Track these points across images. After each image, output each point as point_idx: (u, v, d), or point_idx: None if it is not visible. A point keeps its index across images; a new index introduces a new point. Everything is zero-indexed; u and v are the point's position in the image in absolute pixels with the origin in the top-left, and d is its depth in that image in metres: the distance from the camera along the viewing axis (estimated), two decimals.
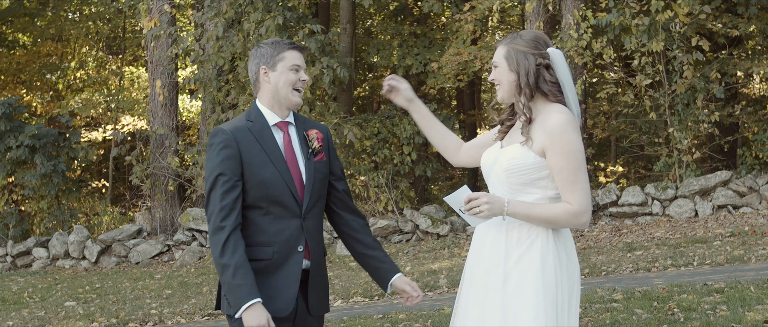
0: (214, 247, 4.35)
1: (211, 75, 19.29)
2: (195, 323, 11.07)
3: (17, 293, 15.30)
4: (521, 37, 4.37)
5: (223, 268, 4.31)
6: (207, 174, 4.47)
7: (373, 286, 12.51)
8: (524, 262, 4.25)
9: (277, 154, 4.52)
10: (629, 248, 14.07)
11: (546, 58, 4.33)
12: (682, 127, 16.98)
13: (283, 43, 4.60)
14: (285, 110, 4.61)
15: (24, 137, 19.55)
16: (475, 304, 4.39)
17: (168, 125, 20.60)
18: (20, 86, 29.12)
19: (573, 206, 4.19)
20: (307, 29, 18.21)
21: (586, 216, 4.21)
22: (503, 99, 4.42)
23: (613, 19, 16.77)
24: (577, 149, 4.20)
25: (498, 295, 4.27)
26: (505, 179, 4.32)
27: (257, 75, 4.60)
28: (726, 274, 10.50)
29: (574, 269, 4.34)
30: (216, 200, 4.39)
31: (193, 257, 17.78)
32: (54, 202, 20.47)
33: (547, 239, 4.27)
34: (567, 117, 4.22)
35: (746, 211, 15.96)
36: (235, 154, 4.44)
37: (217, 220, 4.36)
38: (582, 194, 4.20)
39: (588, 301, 9.25)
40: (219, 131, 4.49)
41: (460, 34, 19.89)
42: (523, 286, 4.23)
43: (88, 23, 28.43)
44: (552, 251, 4.26)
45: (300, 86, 4.60)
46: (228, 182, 4.41)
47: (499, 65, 4.39)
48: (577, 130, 4.23)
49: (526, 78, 4.30)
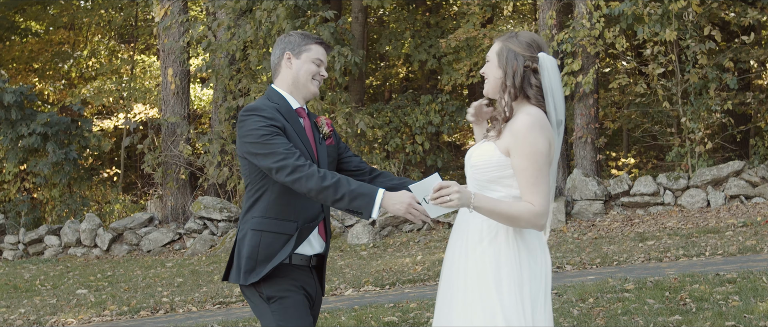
0: (305, 181, 4.34)
1: (222, 63, 19.29)
2: (206, 311, 11.08)
3: (29, 281, 15.35)
4: (517, 37, 4.44)
5: (327, 190, 4.33)
6: (254, 132, 4.46)
7: (384, 275, 12.51)
8: (480, 261, 4.32)
9: (303, 135, 4.62)
10: (641, 238, 14.04)
11: (535, 62, 4.39)
12: (695, 116, 16.91)
13: (311, 37, 4.72)
14: (302, 99, 4.72)
15: (36, 125, 19.59)
16: (442, 304, 4.49)
17: (180, 114, 20.62)
18: (33, 74, 29.18)
19: (535, 207, 4.22)
20: (319, 16, 18.19)
21: (545, 218, 4.26)
22: (488, 93, 4.51)
23: (626, 8, 16.71)
24: (540, 151, 4.24)
25: (459, 293, 4.36)
26: (472, 175, 4.42)
27: (280, 60, 4.71)
28: (738, 265, 10.46)
29: (539, 268, 4.38)
30: (280, 145, 4.41)
31: (205, 245, 17.80)
32: (66, 190, 20.53)
33: (506, 237, 4.32)
34: (535, 119, 4.27)
35: (759, 201, 15.90)
36: (280, 125, 4.51)
37: (292, 159, 4.37)
38: (543, 196, 4.24)
39: (599, 291, 9.22)
40: (257, 106, 4.54)
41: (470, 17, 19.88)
42: (478, 284, 4.31)
43: (100, 11, 28.45)
44: (510, 249, 4.30)
45: (319, 79, 4.72)
46: (282, 136, 4.47)
47: (490, 60, 4.47)
48: (544, 133, 4.26)
49: (512, 78, 4.37)
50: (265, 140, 4.42)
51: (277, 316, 4.52)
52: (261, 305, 4.56)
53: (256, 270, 4.52)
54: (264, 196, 4.57)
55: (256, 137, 4.44)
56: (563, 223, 16.26)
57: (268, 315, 4.53)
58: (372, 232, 16.97)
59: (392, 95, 27.65)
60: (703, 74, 16.88)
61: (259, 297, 4.56)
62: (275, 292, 4.52)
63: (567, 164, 18.23)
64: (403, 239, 16.56)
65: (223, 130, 19.73)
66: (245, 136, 4.49)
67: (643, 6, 16.65)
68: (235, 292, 12.04)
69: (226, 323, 9.67)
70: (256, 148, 4.44)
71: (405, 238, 16.64)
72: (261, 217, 4.56)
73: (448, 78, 20.85)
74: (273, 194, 4.54)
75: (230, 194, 20.10)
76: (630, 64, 18.44)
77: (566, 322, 8.03)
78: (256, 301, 4.58)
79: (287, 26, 17.81)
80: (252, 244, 4.54)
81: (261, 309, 4.57)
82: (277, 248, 4.53)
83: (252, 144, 4.46)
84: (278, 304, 4.53)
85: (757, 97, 18.25)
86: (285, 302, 4.53)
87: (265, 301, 4.54)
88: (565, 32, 17.39)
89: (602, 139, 18.45)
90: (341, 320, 9.11)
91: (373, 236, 16.91)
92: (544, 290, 4.40)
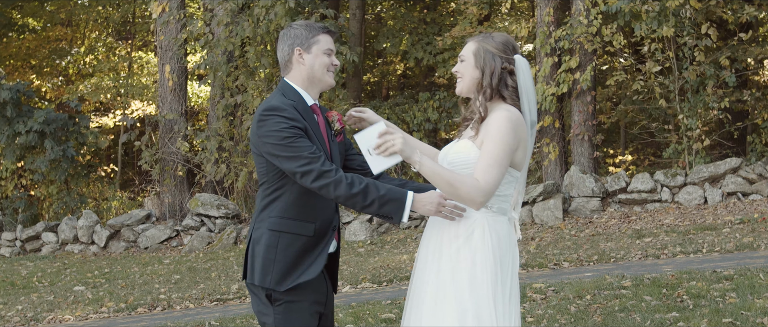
0: (333, 188, 4.35)
1: (220, 60, 19.28)
2: (203, 308, 11.09)
3: (26, 278, 15.35)
4: (493, 38, 4.49)
5: (356, 197, 4.34)
6: (276, 134, 4.42)
7: (382, 272, 12.52)
8: (455, 260, 4.35)
9: (319, 133, 4.60)
10: (638, 235, 14.05)
11: (512, 64, 4.44)
12: (692, 113, 16.92)
13: (316, 27, 4.67)
14: (317, 91, 4.71)
15: (33, 122, 19.57)
16: (412, 303, 4.52)
17: (177, 110, 20.61)
18: (30, 71, 29.15)
19: (479, 182, 4.24)
20: (318, 14, 18.18)
21: (485, 198, 4.27)
22: (461, 91, 4.55)
23: (624, 5, 16.71)
24: (507, 143, 4.28)
25: (430, 292, 4.39)
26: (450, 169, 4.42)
27: (290, 56, 4.65)
28: (735, 262, 10.47)
29: (510, 268, 4.42)
30: (305, 148, 4.39)
31: (202, 242, 17.80)
32: (63, 187, 20.52)
33: (481, 236, 4.35)
34: (510, 115, 4.32)
35: (756, 198, 15.91)
36: (302, 125, 4.48)
37: (318, 164, 4.36)
38: (492, 179, 4.26)
39: (597, 288, 9.23)
40: (277, 105, 4.49)
41: (467, 15, 19.89)
42: (451, 283, 4.33)
43: (97, 8, 28.41)
44: (485, 249, 4.33)
45: (333, 69, 4.70)
46: (305, 138, 4.44)
47: (465, 59, 4.50)
48: (517, 131, 4.32)
49: (489, 78, 4.42)
50: (288, 142, 4.39)
51: (279, 319, 4.51)
52: (266, 304, 4.54)
53: (288, 277, 4.48)
54: (282, 196, 4.53)
55: (278, 139, 4.40)
56: (560, 220, 16.27)
57: (271, 316, 4.52)
58: (369, 228, 16.98)
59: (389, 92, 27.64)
60: (700, 71, 16.89)
61: (266, 296, 4.53)
62: (283, 295, 4.50)
63: (564, 161, 18.23)
64: (400, 236, 16.57)
65: (220, 127, 19.72)
66: (266, 136, 4.44)
67: (641, 3, 16.66)
68: (233, 289, 12.05)
69: (223, 320, 9.67)
70: (278, 150, 4.41)
71: (402, 235, 16.64)
72: (279, 218, 4.53)
73: (443, 71, 20.82)
74: (292, 195, 4.51)
75: (228, 191, 20.10)
76: (627, 62, 18.44)
77: (564, 319, 8.04)
78: (262, 300, 4.56)
79: (285, 23, 17.80)
80: (269, 244, 4.51)
81: (264, 308, 4.55)
82: (296, 251, 4.50)
83: (274, 145, 4.42)
84: (284, 307, 4.51)
85: (754, 95, 18.26)
86: (291, 307, 4.52)
87: (270, 302, 4.53)
88: (563, 29, 17.39)
89: (600, 136, 18.46)
90: (339, 317, 9.12)
91: (370, 233, 16.92)
92: (514, 290, 4.44)
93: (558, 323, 7.95)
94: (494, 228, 4.37)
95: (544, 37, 17.66)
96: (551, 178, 17.71)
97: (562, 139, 18.22)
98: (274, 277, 4.48)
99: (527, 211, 16.73)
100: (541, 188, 16.61)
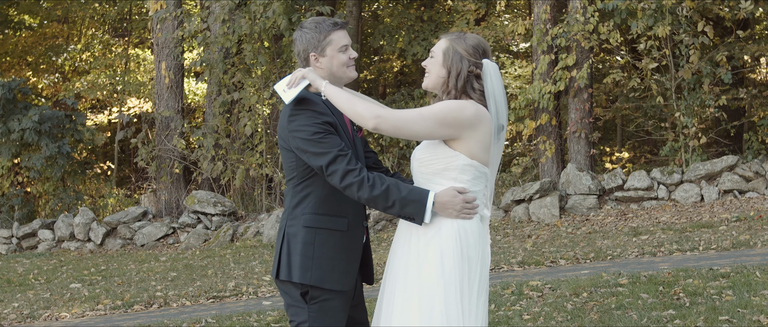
0: (356, 188, 4.38)
1: (217, 57, 19.25)
2: (200, 305, 11.08)
3: (22, 275, 15.34)
4: (465, 39, 4.52)
5: (378, 198, 4.37)
6: (307, 129, 4.45)
7: (378, 269, 12.51)
8: (424, 256, 4.39)
9: (345, 127, 4.63)
10: (635, 233, 14.06)
11: (479, 68, 4.48)
12: (689, 111, 16.92)
13: (325, 25, 4.65)
14: (340, 85, 4.72)
15: (28, 120, 19.52)
16: (383, 301, 4.56)
17: (174, 108, 20.58)
18: (26, 68, 29.11)
19: (383, 113, 4.35)
20: (314, 11, 18.16)
21: (375, 122, 4.34)
22: (427, 87, 4.62)
23: (620, 3, 16.71)
24: (440, 110, 4.36)
25: (399, 288, 4.43)
26: (417, 169, 4.50)
27: (307, 58, 4.66)
28: (732, 259, 10.47)
29: (479, 264, 4.44)
30: (333, 145, 4.42)
31: (198, 240, 17.79)
32: (59, 185, 20.49)
33: (449, 231, 4.38)
34: (463, 103, 4.40)
35: (752, 195, 15.92)
36: (331, 120, 4.51)
37: (343, 163, 4.39)
38: (399, 117, 4.37)
39: (593, 285, 9.24)
40: (310, 99, 4.51)
41: (465, 14, 19.88)
42: (417, 279, 4.37)
43: (94, 5, 28.37)
44: (453, 245, 4.36)
45: (351, 64, 4.70)
46: (335, 134, 4.47)
47: (435, 56, 4.55)
48: (460, 113, 4.37)
49: (455, 79, 4.47)
50: (318, 138, 4.41)
51: (314, 317, 4.53)
52: (299, 301, 4.56)
53: (329, 274, 4.53)
54: (314, 192, 4.56)
55: (308, 134, 4.42)
56: (557, 217, 16.28)
57: (305, 313, 4.54)
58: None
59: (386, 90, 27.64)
60: (696, 69, 16.89)
61: (299, 293, 4.55)
62: (320, 292, 4.53)
63: (561, 159, 18.24)
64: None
65: (217, 125, 19.70)
66: (297, 131, 4.46)
67: (637, 1, 16.66)
68: (229, 286, 12.04)
69: (219, 317, 9.67)
70: (308, 145, 4.43)
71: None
72: (313, 214, 4.55)
73: None
74: (324, 190, 4.54)
75: (224, 188, 20.09)
76: (624, 59, 18.45)
77: (560, 317, 8.04)
78: (295, 297, 4.57)
79: (282, 21, 17.78)
80: (306, 241, 4.53)
81: (298, 305, 4.57)
82: (333, 247, 4.54)
83: (304, 141, 4.44)
84: (319, 305, 4.54)
85: (751, 92, 18.26)
86: (326, 305, 4.55)
87: (305, 300, 4.55)
88: (560, 27, 17.39)
89: (596, 133, 18.46)
90: None
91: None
92: (483, 289, 4.44)
93: (554, 321, 7.95)
94: (463, 224, 4.38)
95: (541, 34, 17.66)
96: (548, 176, 17.71)
97: (559, 137, 18.23)
98: (314, 274, 4.51)
99: (524, 208, 16.73)
100: (538, 186, 16.62)
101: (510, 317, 8.22)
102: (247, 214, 18.98)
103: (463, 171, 4.40)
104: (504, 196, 17.22)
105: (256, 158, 19.16)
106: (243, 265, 14.36)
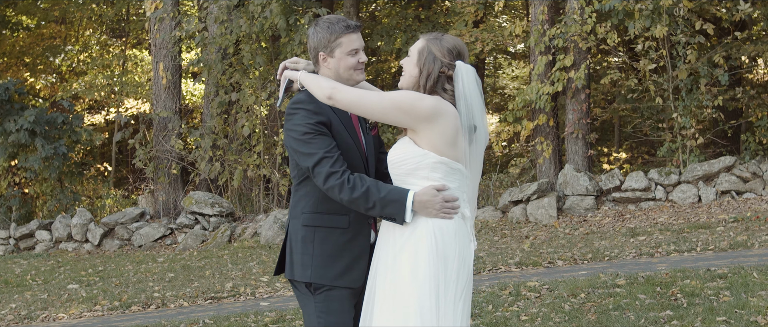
0: (337, 191, 4.40)
1: (215, 58, 19.25)
2: (198, 306, 11.08)
3: (20, 276, 15.33)
4: (441, 40, 4.54)
5: (358, 200, 4.38)
6: (298, 128, 4.49)
7: None
8: (400, 256, 4.40)
9: (350, 125, 4.63)
10: (632, 233, 14.06)
11: (451, 70, 4.49)
12: (686, 112, 16.93)
13: (338, 27, 4.65)
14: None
15: (24, 120, 19.48)
16: (367, 303, 4.57)
17: (171, 108, 20.57)
18: (24, 69, 29.09)
19: (341, 87, 4.48)
20: (311, 12, 18.16)
21: (328, 92, 4.45)
22: (402, 85, 4.60)
23: (617, 4, 16.72)
24: (399, 96, 4.42)
25: (379, 290, 4.46)
26: (392, 170, 4.51)
27: (316, 58, 4.69)
28: (729, 260, 10.49)
29: (458, 265, 4.44)
30: (321, 146, 4.44)
31: (196, 240, 17.79)
32: (57, 185, 20.46)
33: (424, 230, 4.39)
34: (425, 97, 4.43)
35: (750, 196, 15.93)
36: (325, 119, 4.52)
37: (327, 166, 4.41)
38: (354, 96, 4.44)
39: (591, 286, 9.24)
40: (303, 98, 4.55)
41: (463, 15, 19.87)
42: (392, 280, 4.40)
43: (91, 5, 28.36)
44: (429, 245, 4.37)
45: (360, 67, 4.70)
46: (326, 135, 4.49)
47: (411, 56, 4.57)
48: (417, 102, 4.40)
49: (424, 80, 4.48)
50: (307, 139, 4.44)
51: (320, 307, 4.56)
52: (306, 295, 4.61)
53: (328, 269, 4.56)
54: (313, 190, 4.58)
55: (299, 134, 4.46)
56: (555, 218, 16.29)
57: (311, 304, 4.59)
58: None
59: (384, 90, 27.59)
60: (693, 70, 16.90)
61: (306, 287, 4.60)
62: (324, 285, 4.57)
63: (559, 160, 18.24)
64: None
65: (215, 125, 19.70)
66: (290, 130, 4.51)
67: (635, 1, 16.67)
68: (227, 287, 12.04)
69: (217, 318, 9.67)
70: (298, 145, 4.47)
71: None
72: (311, 213, 4.59)
73: None
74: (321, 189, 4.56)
75: (222, 189, 20.08)
76: (621, 60, 18.45)
77: (558, 317, 8.05)
78: (302, 291, 4.63)
79: (280, 22, 17.78)
80: (305, 240, 4.58)
81: (305, 298, 4.63)
82: (334, 243, 4.57)
83: (295, 141, 4.49)
84: (324, 296, 4.58)
85: (748, 93, 18.27)
86: (331, 294, 4.58)
87: (311, 292, 4.59)
88: (557, 27, 17.40)
89: (594, 134, 18.46)
90: None
91: None
92: (462, 289, 4.44)
93: (552, 321, 7.96)
94: (439, 224, 4.39)
95: (539, 35, 17.67)
96: (545, 177, 17.72)
97: (557, 138, 18.24)
98: (314, 272, 4.55)
99: (521, 209, 16.74)
100: (536, 186, 16.62)
101: (507, 318, 8.22)
102: (244, 215, 18.98)
103: (433, 169, 4.41)
104: (501, 196, 17.22)
105: (254, 159, 19.16)
106: (241, 265, 14.36)
